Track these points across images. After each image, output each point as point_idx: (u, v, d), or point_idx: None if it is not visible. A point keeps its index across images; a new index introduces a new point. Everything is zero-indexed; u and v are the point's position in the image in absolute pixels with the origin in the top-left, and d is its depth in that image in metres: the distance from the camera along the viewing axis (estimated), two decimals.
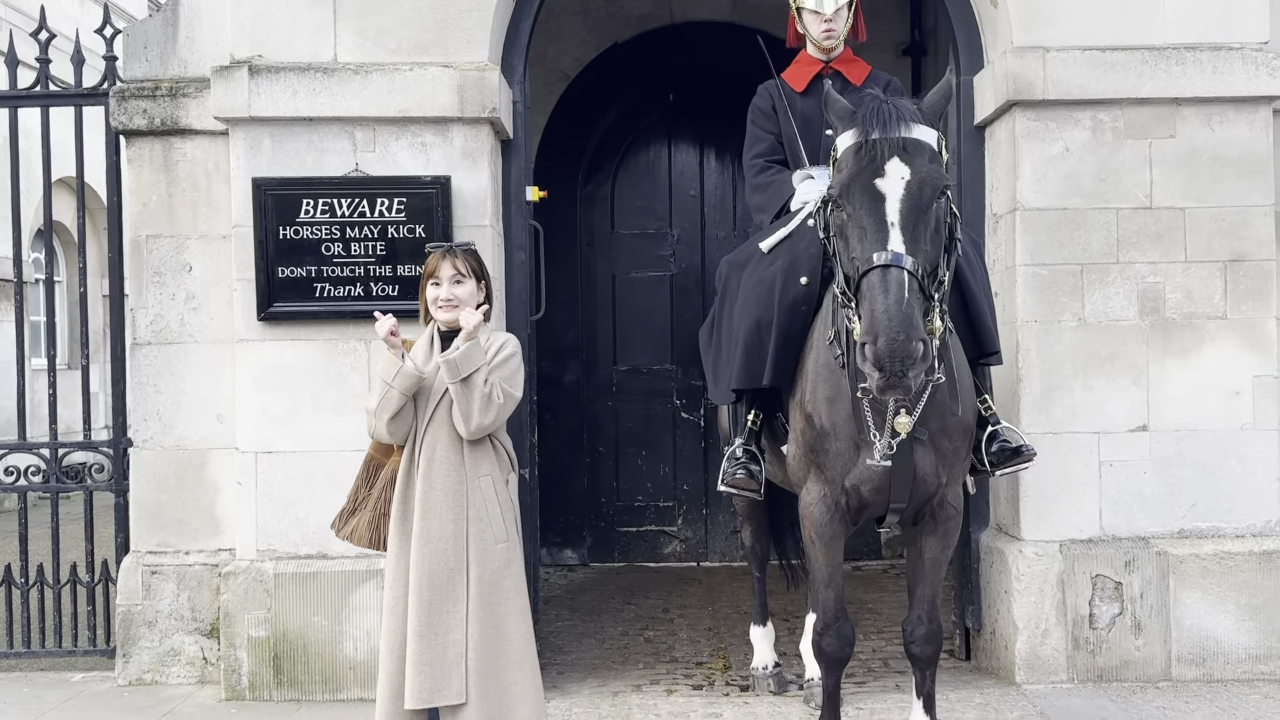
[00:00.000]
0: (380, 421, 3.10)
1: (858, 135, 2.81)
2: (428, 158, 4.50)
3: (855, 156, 2.77)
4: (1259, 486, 4.54)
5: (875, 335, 2.59)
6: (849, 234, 2.76)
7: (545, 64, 6.90)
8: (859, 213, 2.72)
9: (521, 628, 3.13)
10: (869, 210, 2.71)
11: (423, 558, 3.04)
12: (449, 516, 3.05)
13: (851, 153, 2.79)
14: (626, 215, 7.17)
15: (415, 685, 3.01)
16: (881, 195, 2.73)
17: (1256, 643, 4.49)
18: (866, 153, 2.77)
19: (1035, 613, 4.47)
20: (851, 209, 2.74)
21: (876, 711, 4.19)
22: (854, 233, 2.75)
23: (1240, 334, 4.55)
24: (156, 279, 4.73)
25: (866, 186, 2.75)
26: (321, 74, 4.46)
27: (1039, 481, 4.46)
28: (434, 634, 3.01)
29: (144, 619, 4.69)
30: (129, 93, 4.72)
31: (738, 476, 3.69)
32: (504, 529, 3.11)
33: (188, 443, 4.73)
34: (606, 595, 6.24)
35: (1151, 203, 4.54)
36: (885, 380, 2.61)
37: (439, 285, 3.17)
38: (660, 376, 7.10)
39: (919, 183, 2.76)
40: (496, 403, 3.05)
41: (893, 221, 2.70)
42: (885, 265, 2.64)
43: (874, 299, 2.63)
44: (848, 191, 2.75)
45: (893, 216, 2.71)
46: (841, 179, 2.80)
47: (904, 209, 2.72)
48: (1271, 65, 4.49)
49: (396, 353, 3.09)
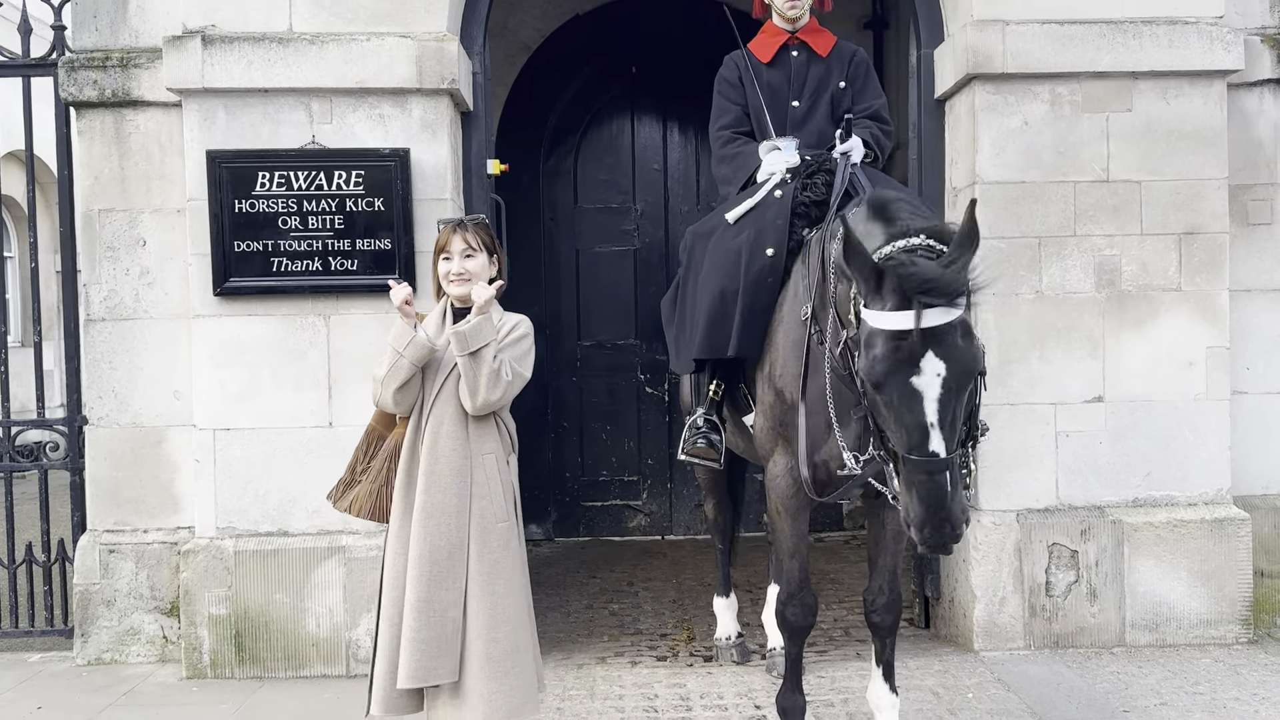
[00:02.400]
0: (387, 390, 3.04)
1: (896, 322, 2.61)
2: (386, 130, 4.44)
3: (890, 348, 2.62)
4: (1211, 456, 4.63)
5: (922, 527, 2.60)
6: (883, 412, 2.68)
7: (506, 35, 6.83)
8: (896, 405, 2.63)
9: (518, 607, 3.07)
10: (907, 407, 2.61)
11: (425, 532, 2.99)
12: (453, 491, 3.00)
13: (886, 342, 2.62)
14: (590, 189, 7.14)
15: (410, 664, 2.94)
16: (920, 394, 2.61)
17: (1207, 608, 4.59)
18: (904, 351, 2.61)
19: (993, 581, 4.54)
20: (890, 400, 2.64)
21: (838, 680, 4.24)
22: (890, 416, 2.66)
23: (1194, 306, 4.62)
24: (110, 254, 4.65)
25: (904, 386, 2.61)
26: (277, 44, 4.38)
27: (997, 452, 4.52)
28: (432, 610, 2.96)
29: (102, 598, 4.64)
30: (79, 63, 4.62)
31: (698, 445, 3.70)
32: (505, 508, 3.07)
33: (144, 420, 4.67)
34: (571, 569, 6.25)
35: (1108, 176, 4.59)
36: (930, 552, 2.68)
37: (450, 260, 3.11)
38: (624, 351, 7.10)
39: (956, 377, 2.62)
40: (505, 379, 3.02)
41: (932, 423, 2.60)
42: (928, 468, 2.58)
43: (915, 494, 2.60)
44: (886, 387, 2.63)
45: (931, 417, 2.60)
46: (874, 369, 2.63)
47: (941, 405, 2.61)
48: (1226, 39, 4.54)
49: (410, 322, 3.03)
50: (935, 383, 2.60)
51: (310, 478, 4.41)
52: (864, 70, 4.11)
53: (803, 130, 3.98)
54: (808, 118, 4.02)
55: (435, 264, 3.18)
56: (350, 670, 4.43)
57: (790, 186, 3.69)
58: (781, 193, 3.69)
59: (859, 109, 4.02)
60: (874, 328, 2.66)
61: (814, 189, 3.64)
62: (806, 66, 4.06)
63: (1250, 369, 4.86)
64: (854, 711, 3.89)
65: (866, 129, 3.88)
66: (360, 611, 4.42)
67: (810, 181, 3.67)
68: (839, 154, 3.66)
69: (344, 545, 4.44)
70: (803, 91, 4.05)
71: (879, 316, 2.65)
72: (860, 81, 4.09)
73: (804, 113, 4.02)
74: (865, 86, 4.10)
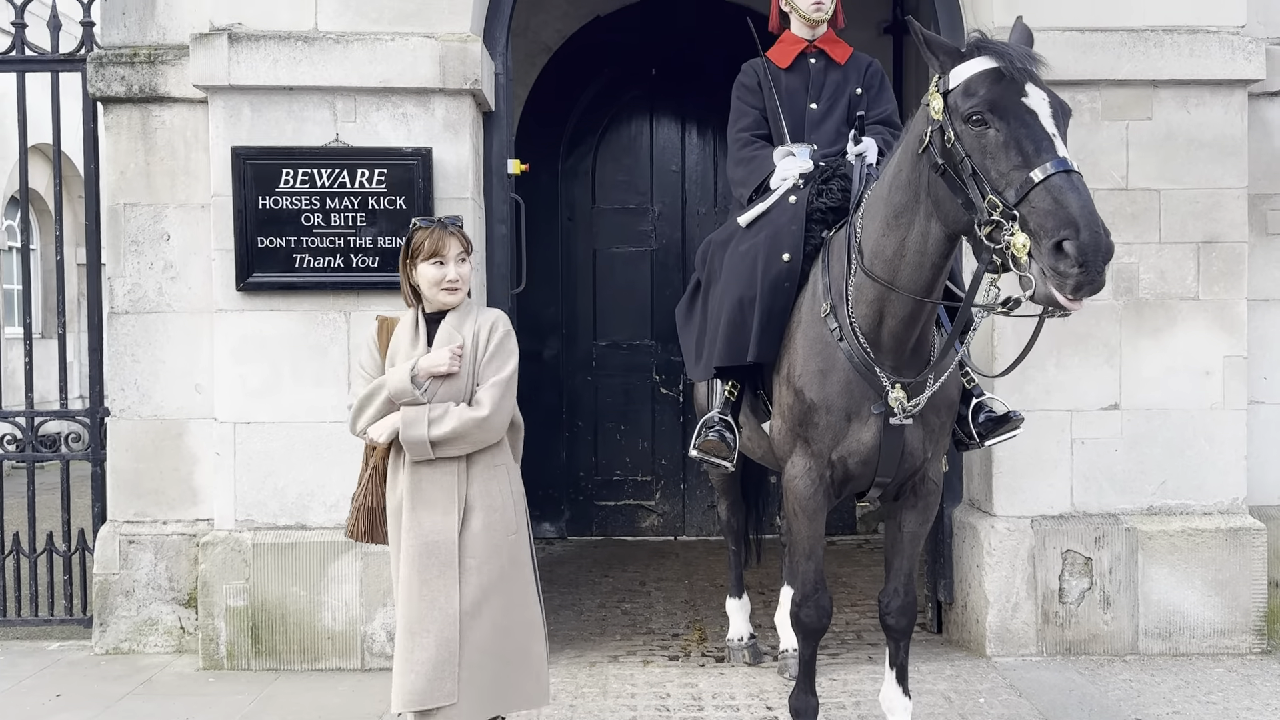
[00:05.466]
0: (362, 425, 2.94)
1: (995, 61, 2.84)
2: (409, 129, 4.48)
3: (992, 80, 2.82)
4: (1227, 465, 4.63)
5: (1077, 229, 2.61)
6: (998, 151, 2.78)
7: (527, 36, 6.87)
8: (1014, 127, 2.76)
9: (526, 620, 2.98)
10: (1024, 124, 2.77)
11: (413, 553, 2.88)
12: (440, 509, 2.88)
13: (986, 78, 2.83)
14: (608, 190, 7.17)
15: (404, 687, 2.84)
16: (1034, 111, 2.79)
17: (1221, 618, 4.58)
18: (1009, 76, 2.82)
19: (1006, 587, 4.55)
20: (1003, 125, 2.78)
21: (850, 682, 4.25)
22: (1008, 147, 2.77)
23: (1212, 315, 4.62)
24: (134, 248, 4.70)
25: (1017, 105, 2.79)
26: (302, 42, 4.42)
27: (1012, 458, 4.52)
28: (425, 632, 2.85)
29: (121, 588, 4.69)
30: (107, 59, 4.67)
31: (708, 439, 3.70)
32: (515, 520, 2.97)
33: (165, 412, 4.72)
34: (584, 568, 6.28)
35: (1127, 184, 4.59)
36: (1084, 275, 2.60)
37: (444, 264, 2.90)
38: (640, 352, 7.13)
39: (1057, 105, 2.84)
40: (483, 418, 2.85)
41: (1053, 133, 2.77)
42: (1066, 170, 2.70)
43: (1066, 199, 2.65)
44: (998, 108, 2.78)
45: (1051, 129, 2.77)
46: (985, 98, 2.80)
47: (1056, 122, 2.80)
48: (1247, 49, 4.54)
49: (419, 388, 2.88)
50: (1044, 104, 2.81)
51: (329, 472, 4.46)
52: (879, 79, 4.17)
53: (819, 132, 4.02)
54: (824, 120, 4.06)
55: (410, 268, 2.95)
56: (365, 664, 4.46)
57: (805, 192, 3.73)
58: (796, 198, 3.72)
59: (873, 114, 4.07)
60: (973, 74, 2.84)
61: (829, 194, 3.68)
62: (824, 73, 4.10)
63: (1267, 379, 4.85)
64: (865, 714, 3.91)
65: (879, 134, 3.92)
66: (376, 606, 4.46)
67: (825, 187, 3.70)
68: (854, 155, 3.71)
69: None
70: (820, 95, 4.09)
71: (974, 64, 2.86)
72: (876, 90, 4.15)
73: (821, 115, 4.06)
74: (880, 94, 4.16)
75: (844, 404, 3.31)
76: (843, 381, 3.31)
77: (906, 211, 3.12)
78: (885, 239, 3.19)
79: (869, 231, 3.27)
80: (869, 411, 3.28)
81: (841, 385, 3.31)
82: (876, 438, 3.31)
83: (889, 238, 3.18)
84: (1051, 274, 2.64)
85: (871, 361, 3.27)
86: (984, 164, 2.80)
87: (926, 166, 3.00)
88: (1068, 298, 2.63)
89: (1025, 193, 2.69)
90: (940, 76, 2.95)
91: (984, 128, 2.79)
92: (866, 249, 3.27)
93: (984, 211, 2.77)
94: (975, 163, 2.82)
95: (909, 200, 3.11)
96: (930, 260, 3.10)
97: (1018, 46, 2.94)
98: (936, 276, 3.15)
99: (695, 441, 3.77)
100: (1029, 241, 2.66)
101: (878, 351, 3.27)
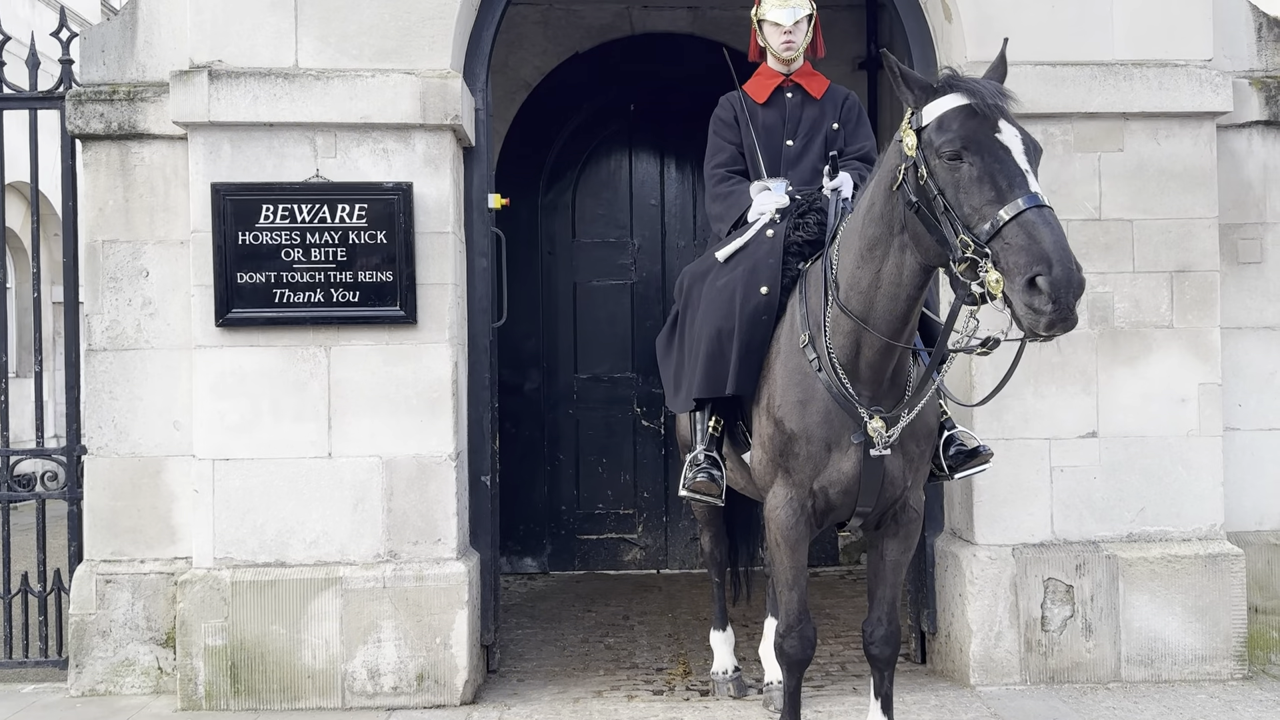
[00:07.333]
0: None
1: (968, 98, 2.89)
2: (389, 164, 4.49)
3: (966, 116, 2.86)
4: (1204, 491, 4.67)
5: (1049, 265, 2.63)
6: (972, 186, 2.82)
7: (507, 72, 6.92)
8: (988, 162, 2.80)
9: None
10: (997, 159, 2.81)
11: None
12: None
13: (959, 114, 2.87)
14: (588, 224, 7.20)
15: None
16: (1007, 147, 2.84)
17: (1202, 644, 4.60)
18: (981, 113, 2.87)
19: (989, 616, 4.55)
20: (977, 159, 2.81)
21: (835, 714, 4.23)
22: (982, 183, 2.80)
23: (1186, 343, 4.68)
24: (113, 284, 4.68)
25: (990, 140, 2.84)
26: (282, 79, 4.44)
27: (992, 486, 4.55)
28: None
29: (98, 628, 4.62)
30: (86, 96, 4.67)
31: (698, 480, 3.72)
32: None
33: (143, 450, 4.68)
34: (567, 603, 6.24)
35: (1101, 214, 4.66)
36: (1057, 313, 2.63)
37: None
38: (621, 384, 7.13)
39: (1030, 142, 2.89)
40: None
41: (1025, 169, 2.81)
42: (1039, 205, 2.74)
43: (1038, 235, 2.68)
44: (971, 144, 2.82)
45: (1024, 164, 2.81)
46: (959, 134, 2.85)
47: (1028, 157, 2.84)
48: (1214, 82, 4.63)
49: None
50: (1017, 140, 2.85)
51: (309, 508, 4.42)
52: (856, 113, 4.22)
53: (796, 169, 4.07)
54: (801, 157, 4.10)
55: None
56: (345, 703, 4.41)
57: (782, 226, 3.77)
58: (773, 232, 3.77)
59: (850, 150, 4.12)
60: (946, 110, 2.88)
61: (805, 228, 3.73)
62: (801, 107, 4.15)
63: (1242, 405, 4.90)
64: None
65: (855, 169, 3.97)
66: (356, 644, 4.41)
67: (802, 221, 3.75)
68: (829, 190, 3.75)
69: (341, 576, 4.43)
70: (797, 131, 4.13)
71: (947, 100, 2.90)
72: (853, 124, 4.20)
73: (798, 152, 4.11)
74: (857, 129, 4.21)
75: (824, 434, 3.33)
76: (822, 411, 3.33)
77: (880, 244, 3.16)
78: (860, 271, 3.23)
79: (844, 264, 3.31)
80: (849, 441, 3.30)
81: (821, 415, 3.33)
82: (857, 467, 3.33)
83: (864, 270, 3.22)
84: (1025, 310, 2.67)
85: (849, 392, 3.29)
86: (957, 199, 2.84)
87: (900, 202, 3.04)
88: (1041, 334, 2.67)
89: (999, 228, 2.73)
90: (913, 112, 2.99)
91: (957, 163, 2.83)
92: (842, 281, 3.30)
93: (958, 249, 2.81)
94: (949, 198, 2.86)
95: (883, 233, 3.15)
96: (905, 292, 3.14)
97: (988, 83, 2.98)
98: (912, 307, 3.18)
99: (685, 483, 3.78)
100: (1002, 279, 2.70)
101: (855, 382, 3.29)
